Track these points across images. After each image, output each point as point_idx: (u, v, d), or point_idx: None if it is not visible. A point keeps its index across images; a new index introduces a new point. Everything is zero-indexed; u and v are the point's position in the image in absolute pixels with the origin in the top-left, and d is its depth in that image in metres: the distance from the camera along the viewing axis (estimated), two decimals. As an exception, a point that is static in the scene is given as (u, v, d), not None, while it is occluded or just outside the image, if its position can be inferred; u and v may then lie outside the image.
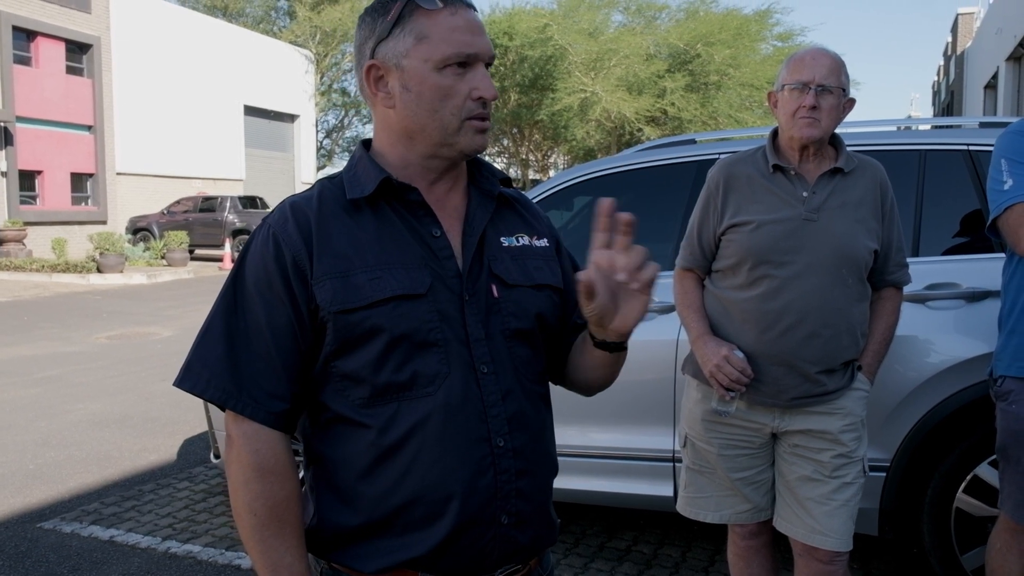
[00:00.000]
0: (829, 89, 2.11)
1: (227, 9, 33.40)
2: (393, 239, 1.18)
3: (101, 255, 16.34)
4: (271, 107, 29.43)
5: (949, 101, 31.62)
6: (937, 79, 42.02)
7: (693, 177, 3.29)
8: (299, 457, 1.29)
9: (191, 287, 15.26)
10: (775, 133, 2.26)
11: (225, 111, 27.01)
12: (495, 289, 1.22)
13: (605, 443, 3.24)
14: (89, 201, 22.08)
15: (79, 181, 21.76)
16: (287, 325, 1.15)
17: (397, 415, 1.15)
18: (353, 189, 1.20)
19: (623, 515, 3.87)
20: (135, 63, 23.27)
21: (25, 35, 19.97)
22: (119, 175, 22.80)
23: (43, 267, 16.35)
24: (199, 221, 21.15)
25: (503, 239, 1.27)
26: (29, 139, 19.98)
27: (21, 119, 19.59)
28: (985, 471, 2.75)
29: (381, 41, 1.19)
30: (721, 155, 3.22)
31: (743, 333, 2.18)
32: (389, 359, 1.14)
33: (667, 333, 3.06)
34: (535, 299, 1.25)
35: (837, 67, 2.13)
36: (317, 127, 33.85)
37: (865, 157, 2.26)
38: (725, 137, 4.07)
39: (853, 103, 2.21)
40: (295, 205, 1.20)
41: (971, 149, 2.97)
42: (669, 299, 3.07)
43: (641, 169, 3.51)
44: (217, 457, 4.00)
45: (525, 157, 29.21)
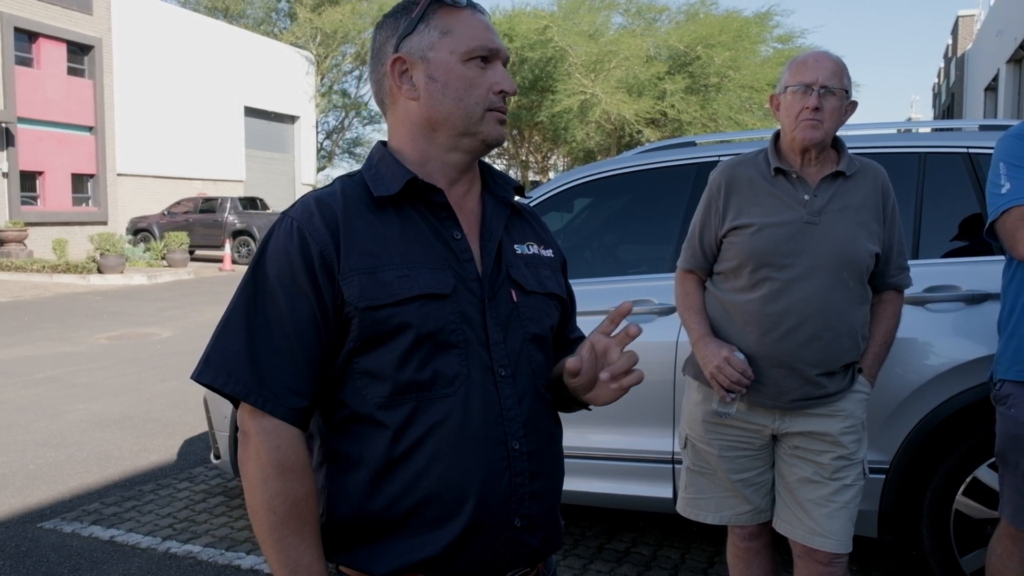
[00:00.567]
0: (832, 91, 2.12)
1: (228, 11, 33.42)
2: (417, 239, 1.19)
3: (101, 256, 16.35)
4: (271, 108, 29.44)
5: (949, 103, 31.63)
6: (937, 81, 42.04)
7: (693, 179, 3.29)
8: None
9: (191, 288, 15.27)
10: (777, 136, 2.27)
11: (225, 112, 27.02)
12: (514, 294, 1.24)
13: (604, 444, 3.25)
14: (90, 202, 22.09)
15: (80, 182, 21.77)
16: (310, 319, 1.13)
17: (415, 415, 1.14)
18: (378, 187, 1.21)
19: (622, 517, 3.88)
20: (136, 64, 23.29)
21: (27, 36, 19.99)
22: (120, 176, 22.81)
23: (44, 268, 16.36)
24: (199, 222, 21.17)
25: (516, 246, 1.29)
26: (30, 140, 19.99)
27: (22, 120, 19.60)
28: (984, 473, 2.75)
29: (405, 37, 1.22)
30: (721, 157, 3.22)
31: (744, 335, 2.19)
32: (412, 357, 1.14)
33: (667, 335, 3.07)
34: (547, 307, 1.29)
35: (839, 69, 2.14)
36: (317, 128, 33.86)
37: (867, 160, 2.26)
38: (725, 139, 4.08)
39: (855, 106, 2.21)
40: (320, 199, 1.19)
41: (971, 152, 2.97)
42: (669, 301, 3.08)
43: (641, 171, 3.52)
44: (217, 458, 4.01)
45: (525, 159, 29.22)
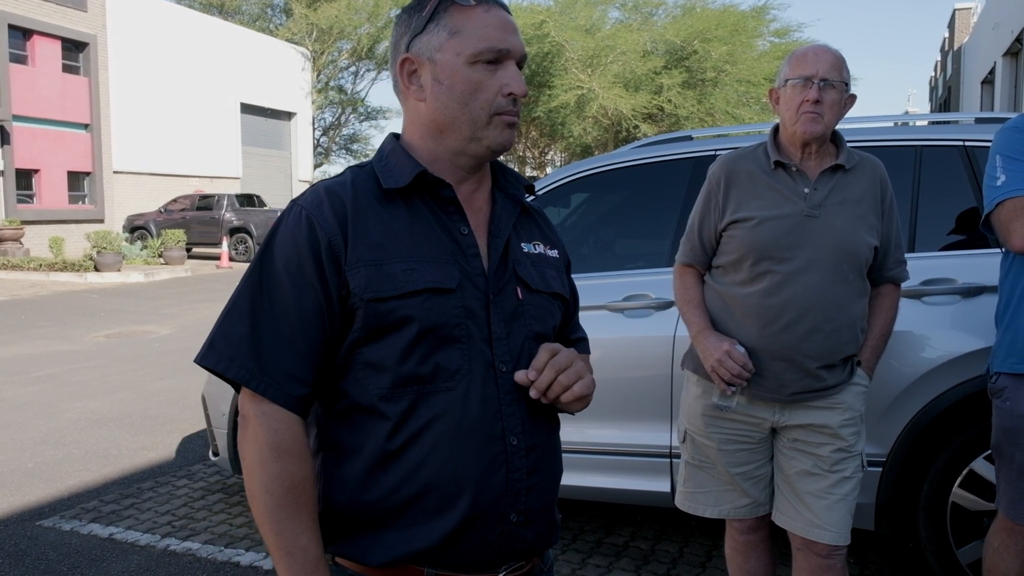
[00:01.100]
0: (832, 84, 2.12)
1: (223, 7, 33.31)
2: (424, 233, 1.20)
3: (98, 254, 16.33)
4: (268, 105, 29.40)
5: (946, 97, 31.65)
6: (934, 75, 42.05)
7: (689, 174, 3.29)
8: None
9: (189, 285, 15.25)
10: (776, 130, 2.27)
11: (222, 109, 26.97)
12: (520, 292, 1.24)
13: (602, 439, 3.25)
14: (86, 200, 22.05)
15: (76, 180, 21.73)
16: (315, 308, 1.14)
17: (416, 407, 1.15)
18: (388, 179, 1.21)
19: (620, 511, 3.89)
20: (132, 61, 23.23)
21: (21, 33, 19.93)
22: (116, 173, 22.77)
23: (40, 266, 16.34)
24: (196, 219, 21.12)
25: (523, 244, 1.29)
26: (26, 138, 19.94)
27: (17, 118, 19.55)
28: (980, 466, 2.76)
29: (416, 36, 1.21)
30: (718, 151, 3.22)
31: (744, 328, 2.19)
32: (415, 350, 1.15)
33: (663, 329, 3.07)
34: (550, 306, 1.29)
35: (839, 63, 2.15)
36: (314, 125, 33.81)
37: (865, 154, 2.27)
38: (722, 134, 4.09)
39: (854, 99, 2.22)
40: (330, 189, 1.19)
41: (967, 145, 2.98)
42: (665, 295, 3.09)
43: (638, 166, 3.52)
44: (216, 455, 4.01)
45: (522, 154, 29.22)
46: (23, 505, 4.16)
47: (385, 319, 1.14)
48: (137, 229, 21.64)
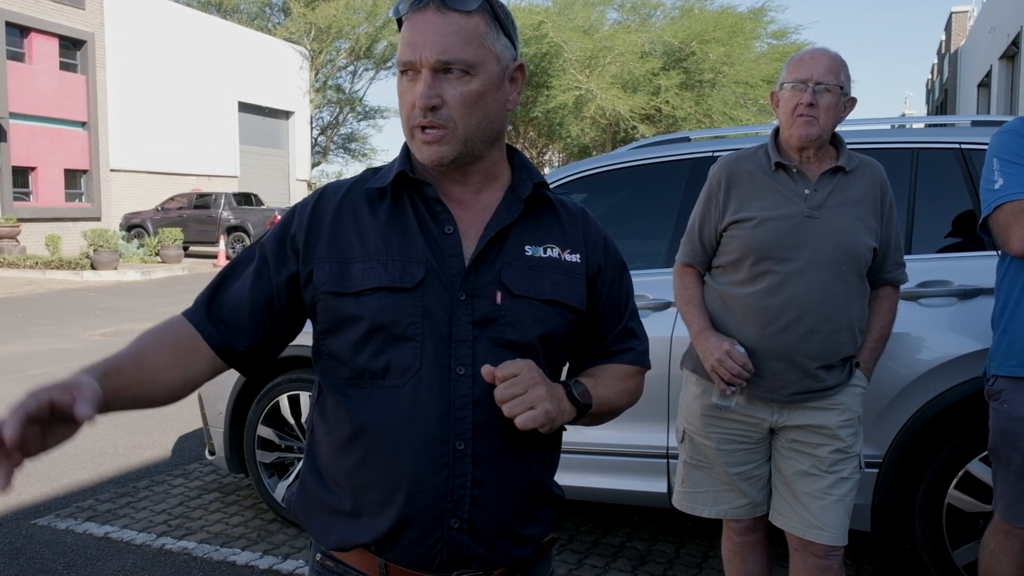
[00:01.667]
0: (827, 87, 2.13)
1: (221, 5, 33.26)
2: (400, 231, 1.20)
3: (95, 252, 16.30)
4: (266, 104, 29.37)
5: (943, 100, 31.70)
6: (931, 77, 42.11)
7: (687, 175, 3.30)
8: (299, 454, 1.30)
9: (185, 284, 15.22)
10: (777, 131, 2.28)
11: (219, 108, 26.94)
12: (499, 296, 1.19)
13: (599, 439, 3.25)
14: (83, 198, 22.01)
15: (73, 178, 21.69)
16: (266, 283, 1.23)
17: (368, 401, 1.18)
18: (377, 180, 1.25)
19: (617, 512, 3.89)
20: (129, 59, 23.20)
21: (19, 31, 19.90)
22: (113, 172, 22.73)
23: (37, 264, 16.31)
24: (193, 218, 21.10)
25: (528, 247, 1.23)
26: (23, 135, 19.90)
27: (14, 115, 19.52)
28: (976, 467, 2.76)
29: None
30: (715, 153, 3.23)
31: (744, 328, 2.20)
32: (366, 346, 1.18)
33: (661, 330, 3.07)
34: (540, 314, 1.20)
35: (836, 66, 2.15)
36: (312, 124, 33.79)
37: (865, 157, 2.28)
38: (719, 135, 4.08)
39: (854, 103, 2.23)
40: (326, 190, 1.27)
41: (963, 148, 2.98)
42: (663, 296, 3.09)
43: (635, 167, 3.52)
44: (212, 454, 4.00)
45: (520, 154, 29.18)
46: (18, 503, 4.15)
47: (339, 314, 1.19)
48: (134, 227, 21.61)
